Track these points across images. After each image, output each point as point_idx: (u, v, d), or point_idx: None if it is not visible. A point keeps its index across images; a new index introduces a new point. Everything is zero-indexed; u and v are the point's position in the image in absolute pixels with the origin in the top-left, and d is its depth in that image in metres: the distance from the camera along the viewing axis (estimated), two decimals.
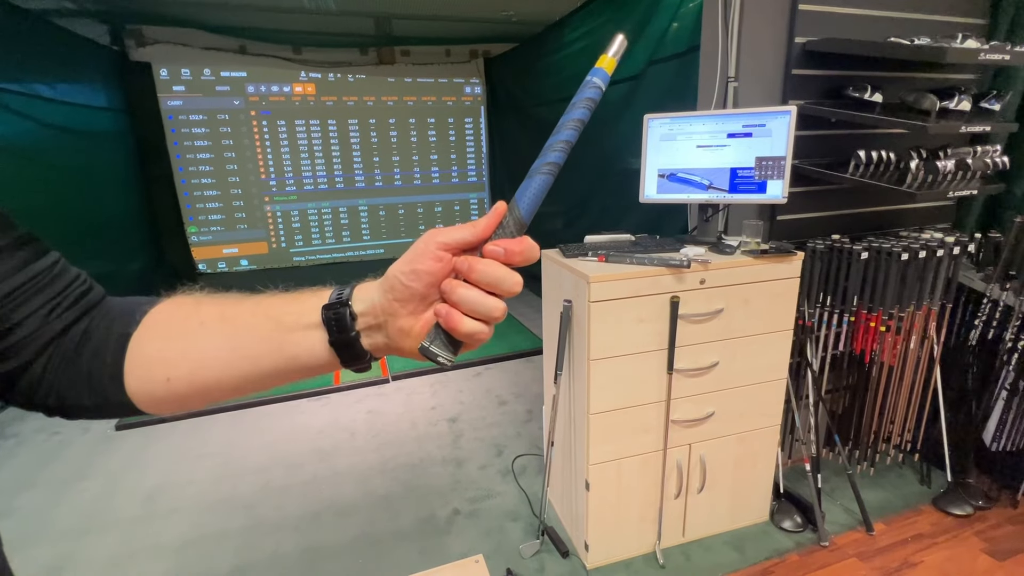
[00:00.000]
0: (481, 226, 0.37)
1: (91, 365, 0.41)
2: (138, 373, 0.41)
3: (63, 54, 3.43)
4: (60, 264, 0.42)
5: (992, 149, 1.76)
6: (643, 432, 1.60)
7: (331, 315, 0.40)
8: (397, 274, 0.38)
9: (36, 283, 0.40)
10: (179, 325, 0.42)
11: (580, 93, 0.38)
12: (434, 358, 0.38)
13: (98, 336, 0.42)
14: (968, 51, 1.51)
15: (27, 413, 2.83)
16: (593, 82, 0.38)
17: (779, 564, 1.67)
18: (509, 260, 0.37)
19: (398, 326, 0.39)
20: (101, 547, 1.86)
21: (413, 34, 4.56)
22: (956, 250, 1.81)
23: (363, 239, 5.20)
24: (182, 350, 0.41)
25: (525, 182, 0.38)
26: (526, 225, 0.38)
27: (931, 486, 1.98)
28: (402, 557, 1.76)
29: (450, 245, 0.37)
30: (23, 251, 0.40)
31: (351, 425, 2.64)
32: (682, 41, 2.44)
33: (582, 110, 0.38)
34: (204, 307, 0.43)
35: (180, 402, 0.43)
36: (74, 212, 3.33)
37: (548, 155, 0.37)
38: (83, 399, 0.42)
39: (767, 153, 1.59)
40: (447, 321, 0.37)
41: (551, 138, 0.38)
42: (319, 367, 0.42)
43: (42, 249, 0.41)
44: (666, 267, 1.47)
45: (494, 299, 0.37)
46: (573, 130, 0.38)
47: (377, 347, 0.41)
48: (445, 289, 0.37)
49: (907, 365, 1.93)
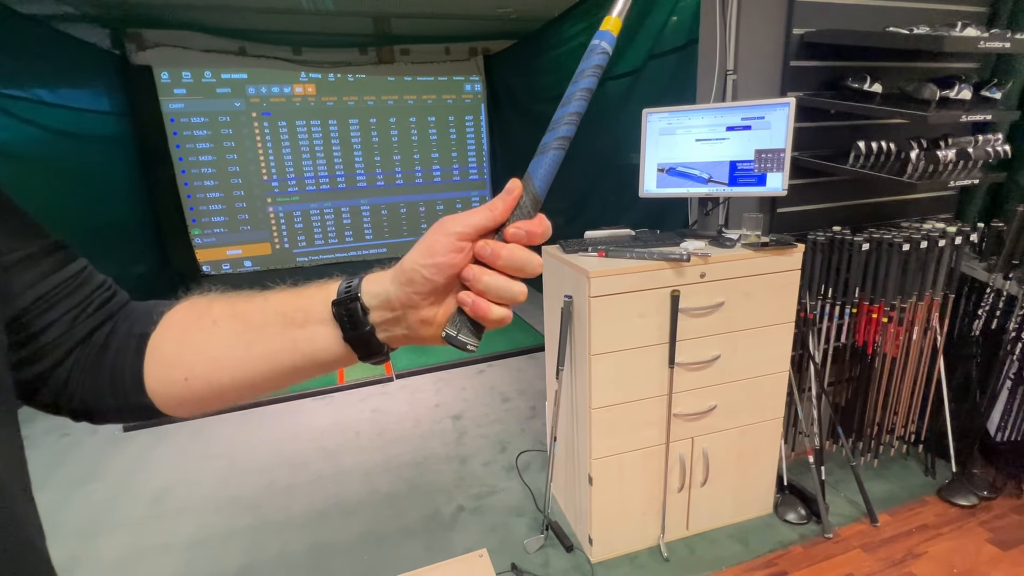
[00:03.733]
0: (499, 209, 0.36)
1: (113, 367, 0.42)
2: (157, 374, 0.42)
3: (65, 59, 3.45)
4: (87, 271, 0.43)
5: (994, 138, 1.75)
6: (645, 426, 1.60)
7: (342, 311, 0.39)
8: (417, 267, 0.37)
9: (63, 289, 0.40)
10: (194, 325, 0.43)
11: (586, 60, 0.36)
12: (462, 346, 0.37)
13: (120, 339, 0.43)
14: (968, 39, 1.50)
15: (37, 415, 2.85)
16: (600, 47, 0.36)
17: (783, 556, 1.67)
18: (531, 242, 0.36)
19: (420, 317, 0.39)
20: (110, 547, 1.88)
21: (412, 33, 4.56)
22: (958, 240, 1.80)
23: (366, 238, 5.22)
24: (198, 350, 0.42)
25: (537, 157, 0.37)
26: (541, 202, 0.37)
27: (936, 477, 1.98)
28: (407, 553, 1.77)
29: (468, 234, 0.36)
30: (52, 258, 0.40)
31: (355, 424, 2.66)
32: (681, 35, 2.43)
33: (590, 79, 0.36)
34: (216, 306, 0.43)
35: (199, 403, 0.43)
36: (77, 216, 3.36)
37: (559, 128, 0.36)
38: (106, 401, 0.42)
39: (766, 146, 1.59)
40: (475, 310, 0.36)
41: (559, 110, 0.36)
42: (336, 361, 0.41)
43: (71, 256, 0.42)
44: (666, 261, 1.47)
45: (518, 283, 0.36)
46: (582, 100, 0.36)
47: (395, 339, 0.41)
48: (469, 277, 0.37)
49: (910, 356, 1.92)
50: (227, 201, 4.67)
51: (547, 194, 0.37)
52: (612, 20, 0.36)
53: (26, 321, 0.38)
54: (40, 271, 0.39)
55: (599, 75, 0.37)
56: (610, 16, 0.36)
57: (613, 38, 0.36)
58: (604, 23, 0.36)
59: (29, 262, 0.39)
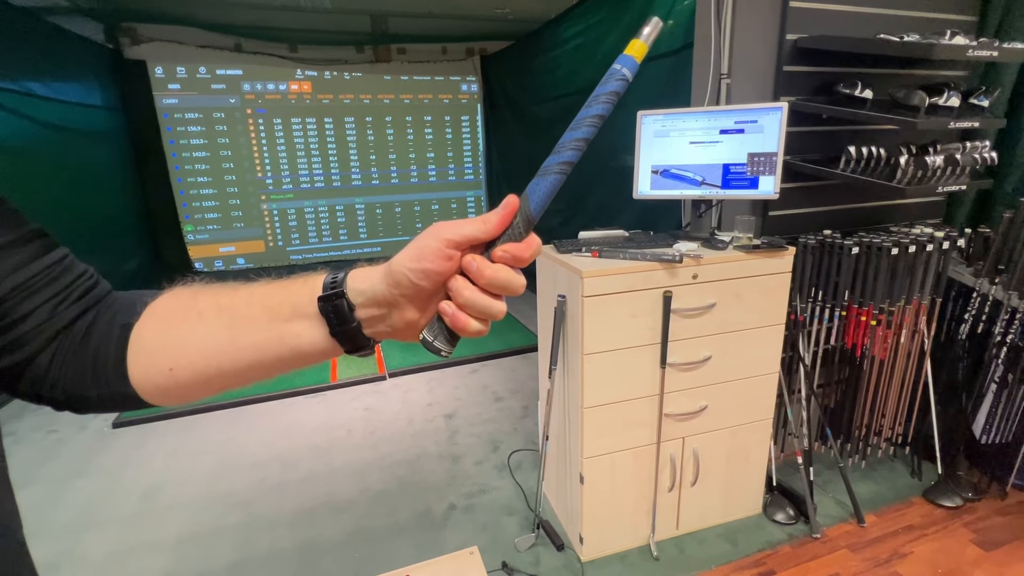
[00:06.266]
0: (493, 223, 0.37)
1: (95, 356, 0.42)
2: (141, 363, 0.42)
3: (57, 52, 3.42)
4: (68, 259, 0.43)
5: (981, 145, 1.78)
6: (637, 426, 1.62)
7: (328, 307, 0.39)
8: (405, 271, 0.37)
9: (45, 276, 0.40)
10: (178, 315, 0.43)
11: (604, 85, 0.35)
12: (437, 352, 0.38)
13: (102, 328, 0.42)
14: (957, 47, 1.53)
15: (24, 411, 2.83)
16: (621, 73, 0.34)
17: (771, 556, 1.69)
18: (517, 265, 0.37)
19: (404, 319, 0.39)
20: (99, 544, 1.87)
21: (409, 32, 4.56)
22: (946, 245, 1.83)
23: (360, 237, 5.20)
24: (182, 340, 0.42)
25: (537, 180, 0.36)
26: (534, 223, 0.37)
27: (922, 479, 2.01)
28: (398, 551, 1.77)
29: (459, 243, 0.37)
30: (33, 245, 0.40)
31: (348, 422, 2.65)
32: (677, 38, 2.45)
33: (604, 105, 0.35)
34: (201, 298, 0.43)
35: (184, 392, 0.43)
36: (69, 210, 3.34)
37: (564, 153, 0.35)
38: (89, 390, 0.42)
39: (759, 149, 1.61)
40: (454, 321, 0.37)
41: (568, 133, 0.36)
42: (322, 354, 0.42)
43: (51, 244, 0.42)
44: (658, 262, 1.48)
45: (499, 302, 0.37)
46: (591, 127, 0.35)
47: (379, 334, 0.41)
48: (452, 288, 0.37)
49: (898, 359, 1.95)
50: (221, 198, 4.64)
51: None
52: (637, 44, 0.34)
53: (7, 308, 0.38)
54: (19, 259, 0.39)
55: (614, 103, 0.35)
56: (636, 40, 0.34)
57: (636, 65, 0.34)
58: (629, 47, 0.34)
59: (8, 250, 0.39)
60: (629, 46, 0.34)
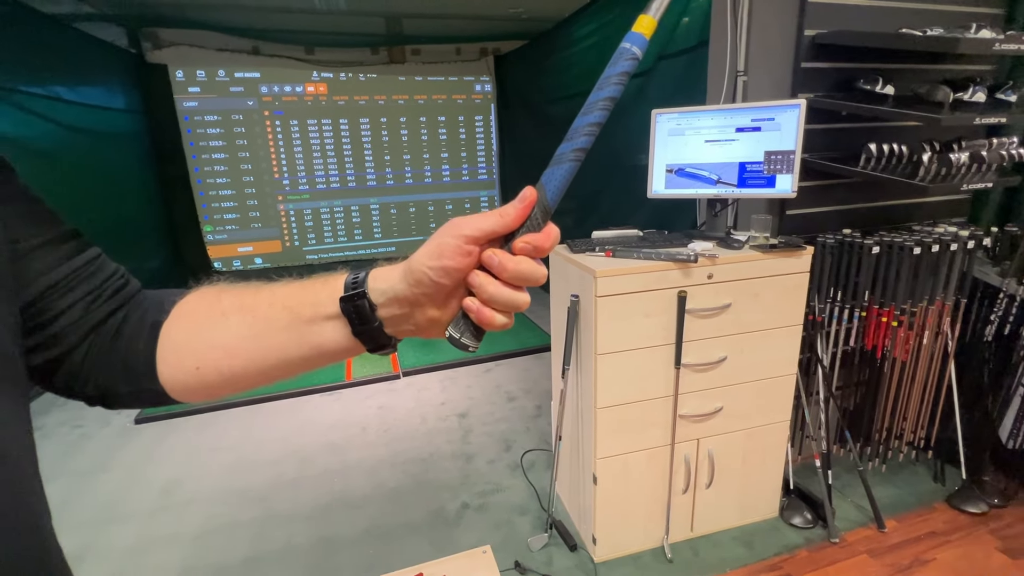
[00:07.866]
0: (511, 216, 0.36)
1: (126, 353, 0.43)
2: (169, 361, 0.43)
3: (82, 57, 3.52)
4: (101, 258, 0.44)
5: (1008, 141, 1.73)
6: (650, 427, 1.60)
7: (350, 307, 0.40)
8: (425, 269, 0.37)
9: (79, 275, 0.42)
10: (204, 315, 0.44)
11: (613, 66, 0.34)
12: (464, 348, 0.38)
13: (133, 326, 0.44)
14: (982, 41, 1.49)
15: (51, 407, 2.91)
16: (630, 51, 0.33)
17: (788, 560, 1.66)
18: (538, 255, 0.37)
19: (427, 316, 0.40)
20: (120, 537, 1.91)
21: (423, 33, 4.59)
22: (971, 244, 1.78)
23: (375, 237, 5.25)
24: (208, 340, 0.42)
25: (552, 168, 0.36)
26: (552, 212, 0.37)
27: (945, 484, 1.96)
28: (411, 548, 1.79)
29: (477, 238, 0.36)
30: (68, 245, 0.42)
31: (362, 420, 2.68)
32: (692, 36, 2.43)
33: (614, 87, 0.34)
34: (225, 297, 0.44)
35: (210, 390, 0.43)
36: (92, 212, 3.42)
37: (577, 139, 0.35)
38: (119, 387, 0.43)
39: (776, 147, 1.58)
40: (479, 316, 0.37)
41: (579, 119, 0.35)
42: (345, 352, 0.42)
43: (85, 244, 0.43)
44: (673, 262, 1.47)
45: (523, 294, 0.37)
46: (603, 111, 0.34)
47: (402, 333, 0.41)
48: (474, 283, 0.37)
49: (920, 361, 1.90)
50: (239, 199, 4.72)
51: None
52: (646, 20, 0.33)
53: (43, 306, 0.39)
54: (57, 257, 0.40)
55: (625, 83, 0.34)
56: (645, 15, 0.33)
57: (645, 42, 0.33)
58: (636, 24, 0.33)
59: (46, 248, 0.40)
60: (637, 22, 0.33)
